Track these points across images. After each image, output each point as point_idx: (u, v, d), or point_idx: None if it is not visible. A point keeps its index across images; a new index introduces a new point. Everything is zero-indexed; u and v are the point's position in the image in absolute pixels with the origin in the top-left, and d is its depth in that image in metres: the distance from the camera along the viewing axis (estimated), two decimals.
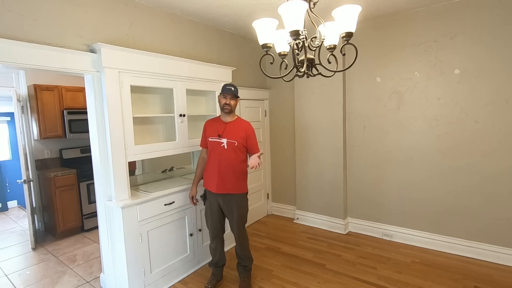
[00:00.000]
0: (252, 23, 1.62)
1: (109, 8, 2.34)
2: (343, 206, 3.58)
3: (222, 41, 3.44)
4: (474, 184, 2.84)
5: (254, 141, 2.40)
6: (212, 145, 2.38)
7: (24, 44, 1.85)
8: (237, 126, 2.38)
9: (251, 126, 2.43)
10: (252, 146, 2.39)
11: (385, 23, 3.16)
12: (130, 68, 2.31)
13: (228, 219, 2.46)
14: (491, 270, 2.68)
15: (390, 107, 3.24)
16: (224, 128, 2.36)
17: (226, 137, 2.33)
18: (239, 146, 2.33)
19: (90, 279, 2.77)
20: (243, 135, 2.35)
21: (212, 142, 2.38)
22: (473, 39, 2.72)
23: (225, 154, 2.32)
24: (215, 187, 2.34)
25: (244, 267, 2.52)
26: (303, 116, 3.79)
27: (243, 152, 2.38)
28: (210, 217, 2.45)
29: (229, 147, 2.32)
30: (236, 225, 2.40)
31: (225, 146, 2.32)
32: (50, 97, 3.85)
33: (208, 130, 2.44)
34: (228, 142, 2.32)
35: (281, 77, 1.73)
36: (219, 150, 2.33)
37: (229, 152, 2.32)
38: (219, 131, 2.37)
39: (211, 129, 2.43)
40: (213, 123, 2.47)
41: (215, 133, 2.38)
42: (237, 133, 2.34)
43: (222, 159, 2.32)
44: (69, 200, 3.79)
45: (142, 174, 3.19)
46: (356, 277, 2.63)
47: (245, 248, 2.49)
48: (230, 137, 2.33)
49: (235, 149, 2.33)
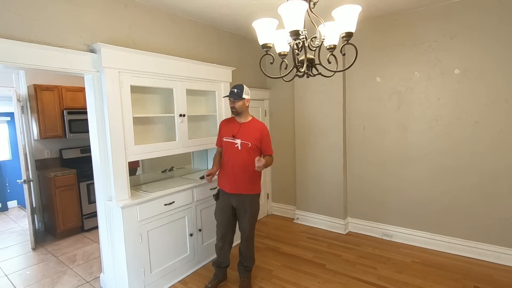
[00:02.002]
0: (252, 23, 1.62)
1: (109, 8, 2.34)
2: (343, 206, 3.58)
3: (222, 41, 3.44)
4: (474, 184, 2.85)
5: (268, 142, 2.40)
6: (226, 145, 2.39)
7: (24, 44, 1.85)
8: (251, 127, 2.38)
9: (265, 127, 2.44)
10: (266, 147, 2.39)
11: (385, 23, 3.16)
12: (130, 68, 2.31)
13: (239, 219, 2.46)
14: (491, 270, 2.68)
15: (390, 107, 3.24)
16: (238, 129, 2.37)
17: (240, 138, 2.33)
18: (253, 147, 2.33)
19: (90, 279, 2.77)
20: (258, 136, 2.35)
21: (226, 142, 2.39)
22: (473, 39, 2.72)
23: (239, 154, 2.32)
24: (228, 187, 2.35)
25: (246, 267, 2.52)
26: (303, 116, 3.79)
27: (256, 153, 2.37)
28: (220, 216, 2.44)
29: (243, 148, 2.32)
30: (247, 225, 2.41)
31: (239, 147, 2.32)
32: (50, 97, 3.85)
33: (223, 130, 2.45)
34: (242, 143, 2.32)
35: (281, 77, 1.73)
36: (233, 151, 2.34)
37: (242, 153, 2.32)
38: (233, 131, 2.37)
39: (226, 129, 2.43)
40: (228, 123, 2.47)
41: (229, 134, 2.38)
42: (251, 134, 2.34)
43: (236, 160, 2.32)
44: (69, 200, 3.79)
45: (142, 174, 3.19)
46: (356, 277, 2.63)
47: (251, 248, 2.50)
48: (244, 138, 2.33)
49: (249, 150, 2.32)
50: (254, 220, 2.46)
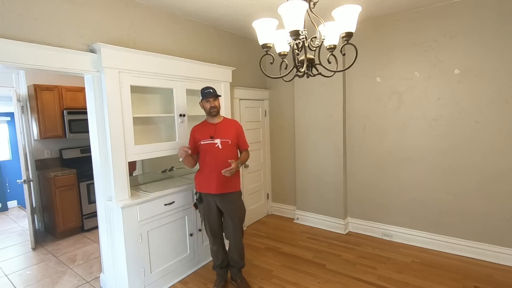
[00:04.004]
0: (252, 23, 1.62)
1: (109, 8, 2.34)
2: (343, 206, 3.58)
3: (222, 41, 3.43)
4: (474, 184, 2.84)
5: (243, 137, 2.53)
6: (205, 148, 2.38)
7: (24, 44, 1.85)
8: (226, 125, 2.45)
9: (239, 123, 2.56)
10: (242, 142, 2.50)
11: (385, 23, 3.16)
12: (130, 68, 2.31)
13: (225, 219, 2.44)
14: (491, 270, 2.68)
15: (390, 107, 3.23)
16: (215, 129, 2.40)
17: (219, 137, 2.37)
18: (233, 144, 2.41)
19: (90, 279, 2.77)
20: (234, 133, 2.44)
21: (205, 145, 2.38)
22: (473, 39, 2.72)
23: (221, 153, 2.35)
24: (215, 188, 2.33)
25: (240, 268, 2.53)
26: (303, 116, 3.79)
27: (236, 150, 2.47)
28: (209, 219, 2.43)
29: (224, 146, 2.36)
30: (237, 227, 2.41)
31: (220, 146, 2.36)
32: (50, 97, 3.85)
33: (198, 135, 2.44)
34: (222, 141, 2.36)
35: (281, 77, 1.72)
36: (214, 151, 2.35)
37: (224, 151, 2.36)
38: (210, 133, 2.39)
39: (201, 133, 2.43)
40: (201, 127, 2.47)
41: (206, 136, 2.39)
42: (228, 132, 2.41)
43: (219, 159, 2.33)
44: (69, 200, 3.79)
45: (142, 174, 3.19)
46: (356, 277, 2.63)
47: (243, 248, 2.51)
48: (222, 136, 2.38)
49: (230, 147, 2.39)
50: (243, 220, 2.49)
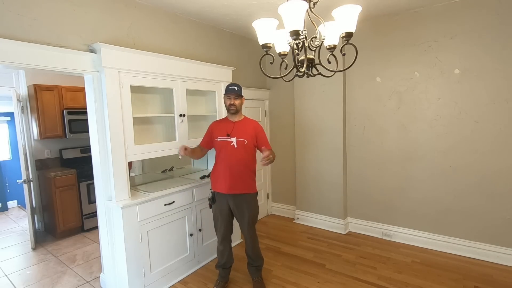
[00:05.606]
0: (252, 23, 1.62)
1: (109, 8, 2.34)
2: (343, 206, 3.58)
3: (222, 41, 3.44)
4: (474, 184, 2.84)
5: (264, 137, 2.41)
6: (221, 145, 2.36)
7: (24, 44, 1.85)
8: (245, 125, 2.39)
9: (258, 123, 2.46)
10: (264, 143, 2.38)
11: (385, 23, 3.16)
12: (130, 68, 2.31)
13: (238, 220, 2.43)
14: (491, 270, 2.68)
15: (390, 107, 3.23)
16: (232, 128, 2.36)
17: (235, 136, 2.33)
18: (249, 145, 2.34)
19: (90, 279, 2.77)
20: (252, 133, 2.36)
21: (220, 142, 2.36)
22: (473, 39, 2.72)
23: (235, 153, 2.31)
24: (226, 187, 2.31)
25: (257, 267, 2.50)
26: (303, 116, 3.79)
27: (252, 151, 2.39)
28: (220, 219, 2.41)
29: (239, 146, 2.32)
30: (247, 226, 2.38)
31: (235, 145, 2.31)
32: (50, 97, 3.85)
33: (216, 131, 2.43)
34: (238, 140, 2.32)
35: (281, 77, 1.73)
36: (229, 150, 2.32)
37: (239, 150, 2.32)
38: (227, 130, 2.36)
39: (219, 129, 2.41)
40: (220, 123, 2.47)
41: (223, 133, 2.37)
42: (246, 131, 2.35)
43: (233, 158, 2.31)
44: (69, 200, 3.79)
45: (142, 174, 3.19)
46: (356, 277, 2.63)
47: (258, 248, 2.49)
48: (239, 135, 2.33)
49: (245, 147, 2.33)
50: (254, 221, 2.44)
